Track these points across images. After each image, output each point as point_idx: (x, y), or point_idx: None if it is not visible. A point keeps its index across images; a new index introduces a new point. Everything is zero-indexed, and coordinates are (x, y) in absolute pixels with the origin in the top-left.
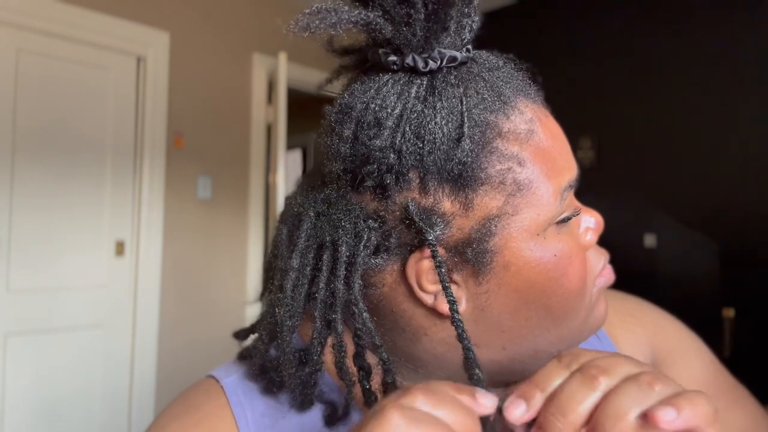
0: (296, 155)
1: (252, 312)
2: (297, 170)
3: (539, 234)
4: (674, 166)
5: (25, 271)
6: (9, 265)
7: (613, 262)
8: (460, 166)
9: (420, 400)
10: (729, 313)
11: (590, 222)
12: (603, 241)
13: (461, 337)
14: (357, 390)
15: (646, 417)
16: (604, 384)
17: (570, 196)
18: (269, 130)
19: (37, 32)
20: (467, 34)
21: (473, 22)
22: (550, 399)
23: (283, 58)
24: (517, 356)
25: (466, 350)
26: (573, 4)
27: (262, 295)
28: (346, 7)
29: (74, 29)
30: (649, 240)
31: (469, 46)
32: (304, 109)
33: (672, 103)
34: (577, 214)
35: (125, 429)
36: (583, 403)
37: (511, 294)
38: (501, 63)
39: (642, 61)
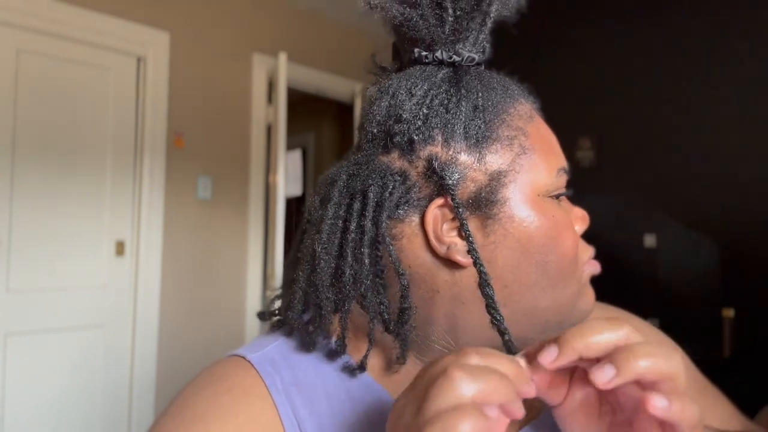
0: (296, 155)
1: (252, 312)
2: (297, 170)
3: (539, 195)
4: (674, 166)
5: (25, 271)
6: (9, 265)
7: (613, 262)
8: (476, 128)
9: (475, 358)
10: (729, 313)
11: (579, 213)
12: (603, 241)
13: (476, 262)
14: (378, 363)
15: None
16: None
17: (563, 180)
18: (269, 130)
19: (37, 32)
20: (482, 53)
21: (486, 43)
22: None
23: (283, 58)
24: (514, 315)
25: (483, 277)
26: (573, 5)
27: (292, 255)
28: (396, 4)
29: (74, 29)
30: (649, 240)
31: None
32: (304, 109)
33: (672, 103)
34: (567, 194)
35: (125, 429)
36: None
37: (514, 246)
38: (507, 77)
39: (642, 61)
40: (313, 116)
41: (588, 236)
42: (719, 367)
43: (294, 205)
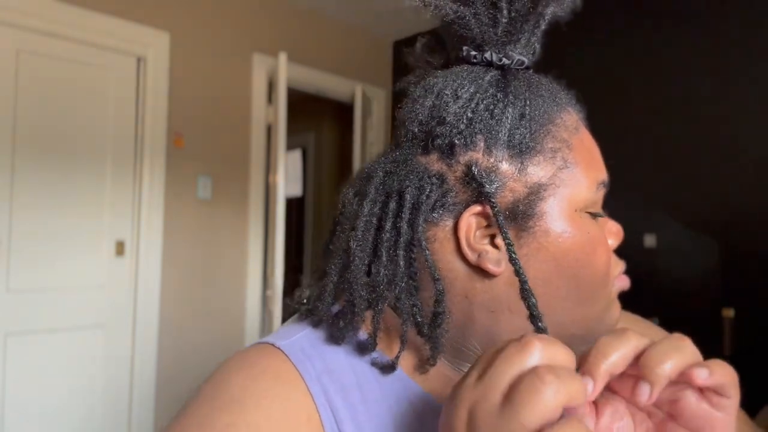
0: (296, 155)
1: (252, 312)
2: (297, 170)
3: (576, 211)
4: (674, 166)
5: (25, 271)
6: (9, 265)
7: None
8: (520, 137)
9: (561, 369)
10: (729, 313)
11: (613, 228)
12: None
13: (518, 272)
14: (408, 360)
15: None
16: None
17: (602, 194)
18: (269, 130)
19: (37, 32)
20: (532, 54)
21: (537, 46)
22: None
23: (283, 58)
24: None
25: (523, 283)
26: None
27: (324, 246)
28: (449, 1)
29: (74, 29)
30: (649, 240)
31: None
32: (304, 109)
33: (672, 103)
34: (603, 216)
35: (125, 429)
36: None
37: (547, 260)
38: (557, 83)
39: (642, 61)
40: (313, 116)
41: None
42: None
43: (294, 205)
